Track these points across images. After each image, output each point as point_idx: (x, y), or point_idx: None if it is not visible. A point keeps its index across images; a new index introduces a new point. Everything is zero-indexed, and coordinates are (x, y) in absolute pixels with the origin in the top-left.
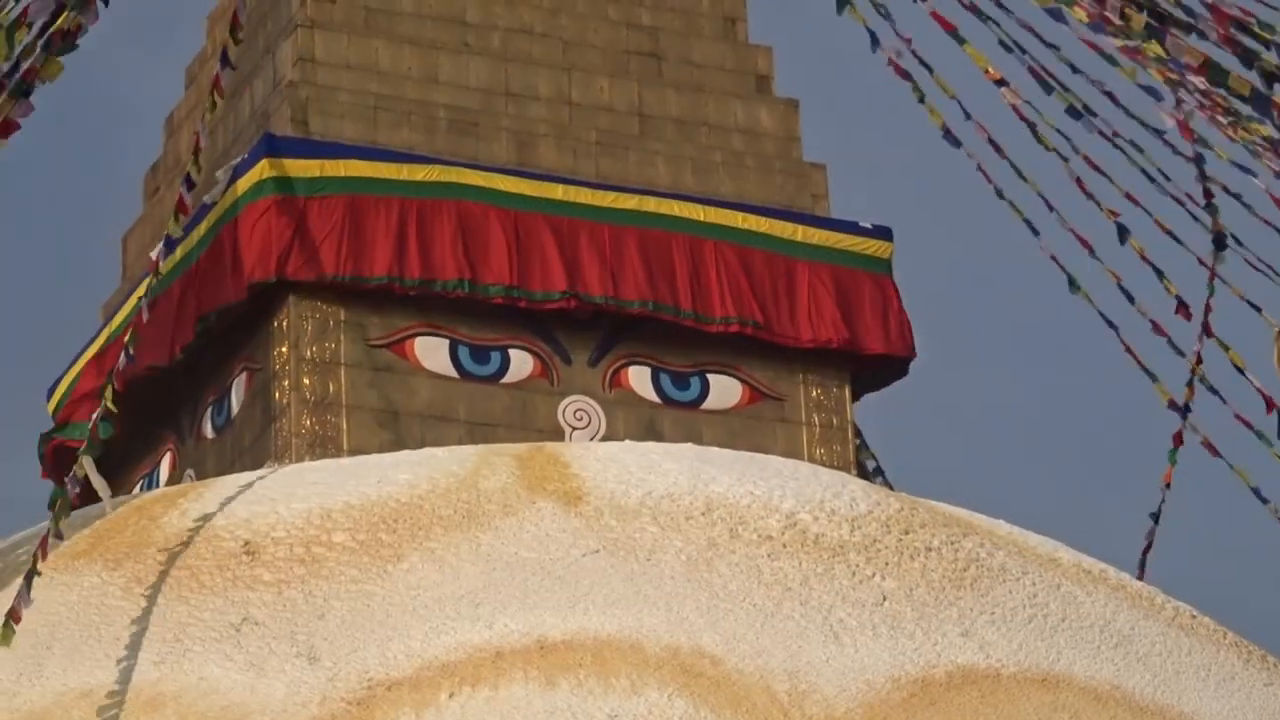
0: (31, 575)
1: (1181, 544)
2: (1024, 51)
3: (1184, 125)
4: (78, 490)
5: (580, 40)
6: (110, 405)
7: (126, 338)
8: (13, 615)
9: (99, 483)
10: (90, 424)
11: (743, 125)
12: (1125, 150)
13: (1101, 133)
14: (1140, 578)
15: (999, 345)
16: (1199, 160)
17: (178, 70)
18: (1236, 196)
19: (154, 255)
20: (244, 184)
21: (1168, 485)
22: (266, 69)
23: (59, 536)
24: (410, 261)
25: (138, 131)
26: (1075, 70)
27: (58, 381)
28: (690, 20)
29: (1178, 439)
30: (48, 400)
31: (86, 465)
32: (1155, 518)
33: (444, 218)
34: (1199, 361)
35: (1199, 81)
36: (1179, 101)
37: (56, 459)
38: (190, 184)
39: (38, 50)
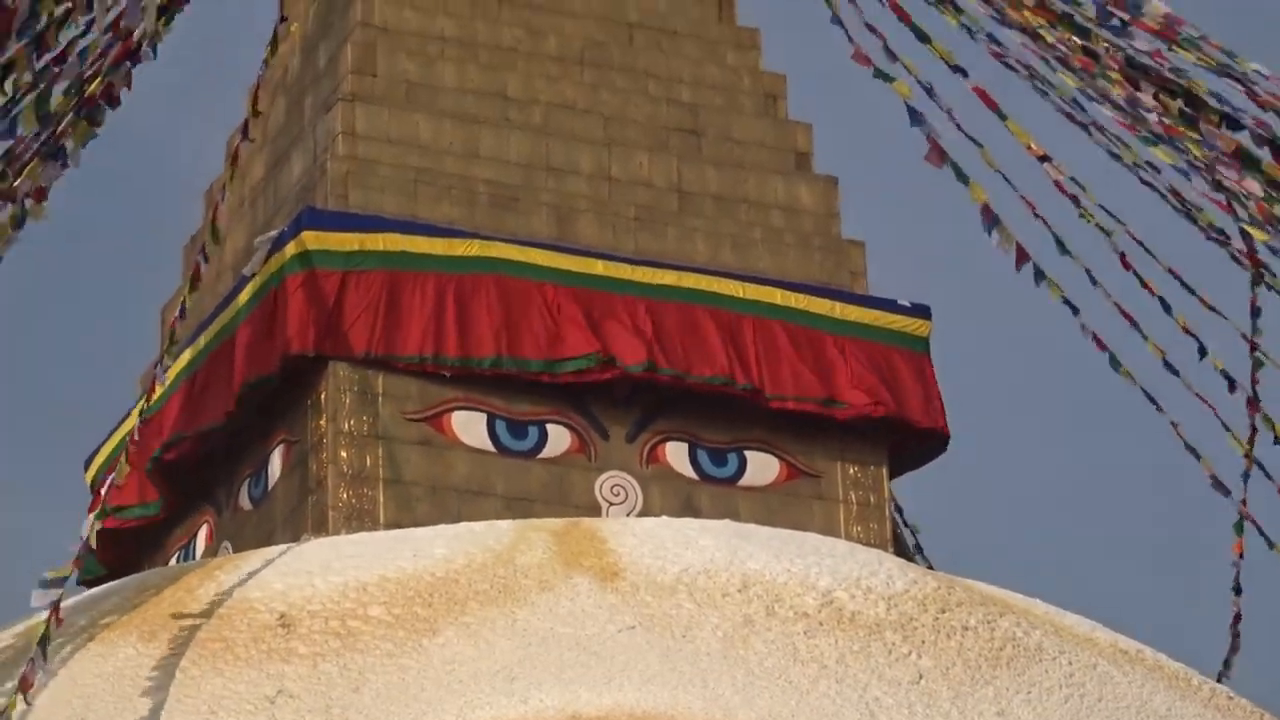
0: (45, 641)
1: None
2: (1084, 125)
3: (1226, 206)
4: (86, 549)
5: (620, 116)
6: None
7: (149, 404)
8: (23, 683)
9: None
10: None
11: (782, 202)
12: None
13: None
14: (1234, 649)
15: (1039, 422)
16: (1247, 240)
17: (221, 140)
18: (1275, 275)
19: (171, 323)
20: (282, 257)
21: (1240, 556)
22: (307, 141)
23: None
24: (447, 338)
25: (180, 202)
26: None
27: (95, 452)
28: (730, 96)
29: (1243, 512)
30: (85, 470)
31: (89, 525)
32: (1237, 590)
33: (482, 293)
34: (1253, 436)
35: (1232, 168)
36: (1217, 184)
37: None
38: (205, 255)
39: (69, 115)
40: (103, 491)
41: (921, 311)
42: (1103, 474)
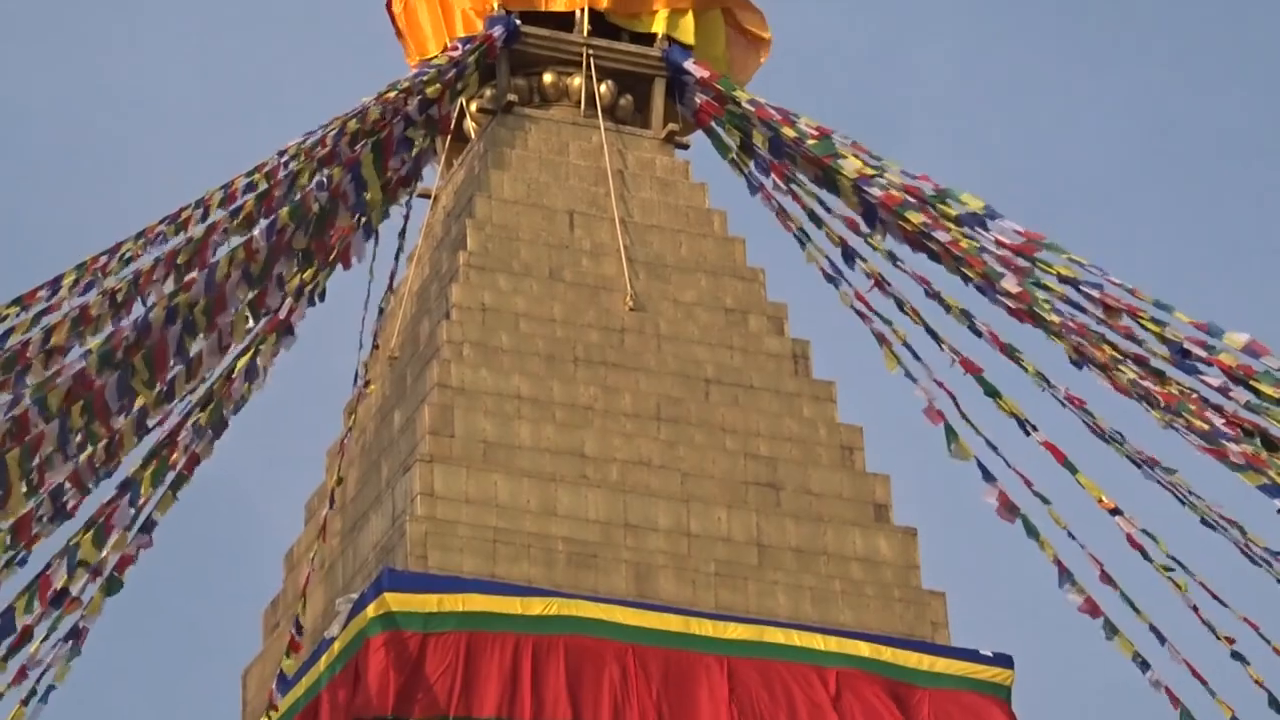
0: None
1: None
2: (1151, 467)
3: None
4: None
5: (698, 471)
6: None
7: None
8: None
9: None
10: None
11: (862, 554)
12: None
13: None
14: None
15: None
16: None
17: (299, 503)
18: None
19: (271, 692)
20: (363, 619)
21: None
22: (386, 503)
23: None
24: (521, 701)
25: (260, 565)
26: (1184, 500)
27: None
28: (808, 450)
29: None
30: None
31: None
32: None
33: (558, 655)
34: None
35: None
36: None
37: None
38: (299, 626)
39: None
40: None
41: (1004, 661)
42: None
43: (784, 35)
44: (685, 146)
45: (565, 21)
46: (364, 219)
